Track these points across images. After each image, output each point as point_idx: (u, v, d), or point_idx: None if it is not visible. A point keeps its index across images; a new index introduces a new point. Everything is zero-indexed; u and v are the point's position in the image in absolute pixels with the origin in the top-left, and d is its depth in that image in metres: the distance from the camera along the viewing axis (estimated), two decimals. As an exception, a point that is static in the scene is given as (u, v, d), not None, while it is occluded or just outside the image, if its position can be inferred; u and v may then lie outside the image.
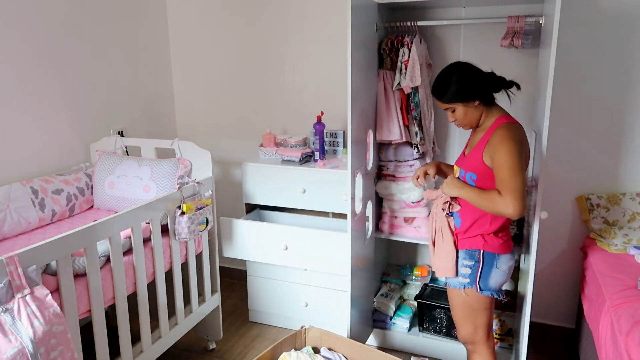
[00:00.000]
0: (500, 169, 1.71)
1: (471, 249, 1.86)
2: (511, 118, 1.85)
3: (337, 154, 2.94)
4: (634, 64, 2.39)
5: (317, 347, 2.21)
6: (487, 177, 1.79)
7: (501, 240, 1.85)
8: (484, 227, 1.84)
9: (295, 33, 2.99)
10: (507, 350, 2.53)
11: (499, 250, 1.84)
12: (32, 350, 1.42)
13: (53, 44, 2.52)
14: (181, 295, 2.33)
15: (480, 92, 1.80)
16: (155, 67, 3.24)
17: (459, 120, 1.87)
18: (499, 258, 1.85)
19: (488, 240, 1.84)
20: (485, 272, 1.84)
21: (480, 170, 1.81)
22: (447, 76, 1.82)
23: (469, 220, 1.86)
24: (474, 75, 1.80)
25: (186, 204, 2.23)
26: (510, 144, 1.71)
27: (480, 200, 1.77)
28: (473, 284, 1.86)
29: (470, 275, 1.86)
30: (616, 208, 2.45)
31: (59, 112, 2.58)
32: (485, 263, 1.84)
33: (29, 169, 2.43)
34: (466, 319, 1.94)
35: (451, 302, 1.98)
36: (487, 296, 1.87)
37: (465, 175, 1.86)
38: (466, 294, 1.88)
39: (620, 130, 2.47)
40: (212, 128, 3.35)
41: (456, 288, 1.91)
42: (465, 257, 1.87)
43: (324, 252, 2.52)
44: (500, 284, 1.88)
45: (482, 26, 2.58)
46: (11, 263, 1.44)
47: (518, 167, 1.69)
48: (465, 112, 1.83)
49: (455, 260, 1.89)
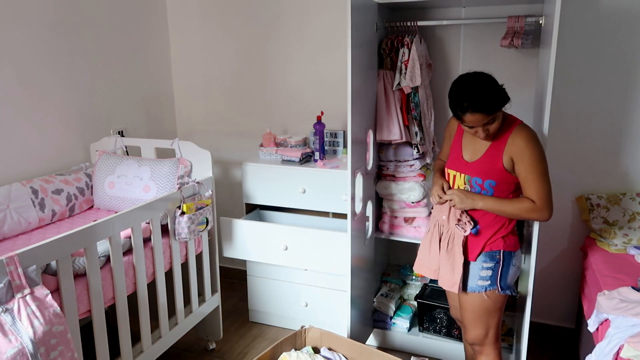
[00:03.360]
0: (531, 176, 1.72)
1: (492, 251, 1.84)
2: (518, 119, 1.82)
3: (337, 154, 2.94)
4: (634, 64, 2.39)
5: (317, 347, 2.21)
6: (506, 181, 1.79)
7: (515, 237, 1.88)
8: (503, 230, 1.84)
9: (295, 33, 2.99)
10: (507, 350, 2.53)
11: (514, 248, 1.86)
12: (32, 350, 1.42)
13: (53, 44, 2.52)
14: (181, 295, 2.33)
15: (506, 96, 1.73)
16: (155, 67, 3.24)
17: (494, 130, 1.74)
18: (514, 255, 1.87)
19: (507, 240, 1.84)
20: (505, 271, 1.85)
21: (499, 176, 1.78)
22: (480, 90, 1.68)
23: (491, 227, 1.83)
24: (494, 82, 1.72)
25: (186, 204, 2.23)
26: (537, 147, 1.72)
27: (508, 209, 1.78)
28: (494, 284, 1.84)
29: (491, 277, 1.84)
30: (616, 208, 2.45)
31: (59, 112, 2.58)
32: (505, 262, 1.84)
33: (29, 169, 2.43)
34: (479, 321, 1.90)
35: (464, 304, 1.93)
36: (505, 295, 1.87)
37: (483, 183, 1.81)
38: (487, 296, 1.85)
39: (620, 131, 2.47)
40: (212, 128, 3.35)
41: (476, 292, 1.87)
42: (485, 260, 1.84)
43: (324, 252, 2.52)
44: (514, 280, 1.90)
45: (482, 26, 2.58)
46: (11, 263, 1.44)
47: (546, 171, 1.73)
48: (499, 120, 1.74)
49: (461, 277, 1.86)
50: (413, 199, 2.53)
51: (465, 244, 1.87)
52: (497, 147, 1.77)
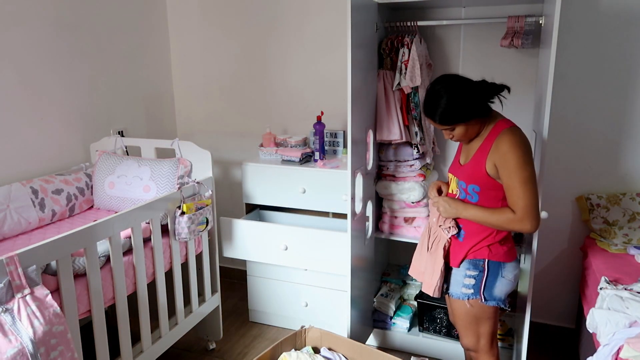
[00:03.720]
0: (511, 183, 1.63)
1: (475, 259, 1.78)
2: (510, 122, 1.74)
3: (337, 154, 2.94)
4: (633, 64, 2.39)
5: (317, 347, 2.21)
6: (491, 187, 1.72)
7: (506, 247, 1.78)
8: (489, 239, 1.76)
9: (295, 33, 2.99)
10: (507, 350, 2.53)
11: (504, 259, 1.77)
12: (32, 350, 1.42)
13: (53, 44, 2.52)
14: (181, 295, 2.33)
15: (478, 108, 1.69)
16: (155, 67, 3.24)
17: (458, 138, 1.75)
18: (505, 266, 1.77)
19: (493, 249, 1.76)
20: (490, 282, 1.77)
21: (483, 181, 1.72)
22: (439, 98, 1.67)
23: (475, 235, 1.78)
24: (468, 92, 1.67)
25: (186, 204, 2.23)
26: (519, 153, 1.63)
27: (491, 220, 1.70)
28: (477, 294, 1.78)
29: (474, 286, 1.78)
30: (616, 208, 2.45)
31: (59, 112, 2.58)
32: (490, 272, 1.76)
33: (29, 169, 2.43)
34: (469, 328, 1.87)
35: (453, 311, 1.91)
36: (492, 306, 1.80)
37: (467, 187, 1.77)
38: (470, 304, 1.80)
39: (620, 131, 2.47)
40: (212, 128, 3.36)
41: (459, 299, 1.83)
42: (469, 268, 1.79)
43: (324, 252, 2.52)
44: (506, 293, 1.80)
45: (482, 26, 2.58)
46: (11, 263, 1.44)
47: (530, 178, 1.63)
48: (465, 130, 1.72)
49: (439, 281, 1.83)
50: (413, 199, 2.53)
51: (449, 249, 1.84)
52: (483, 152, 1.71)
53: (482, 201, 1.76)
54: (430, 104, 1.71)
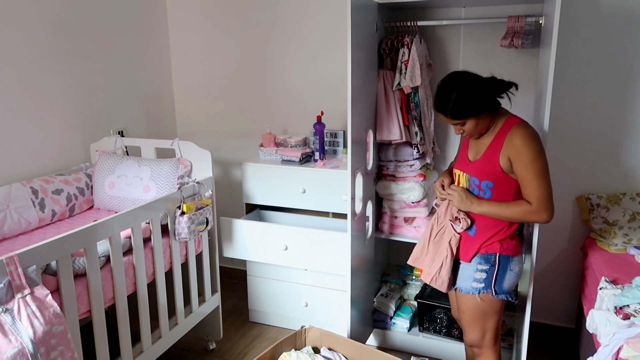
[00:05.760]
0: (527, 175, 1.68)
1: (487, 253, 1.81)
2: (520, 118, 1.79)
3: (337, 154, 2.94)
4: (633, 63, 2.39)
5: (317, 347, 2.21)
6: (504, 182, 1.76)
7: (515, 242, 1.83)
8: (501, 233, 1.80)
9: (295, 33, 2.99)
10: (507, 350, 2.53)
11: (512, 253, 1.82)
12: (32, 350, 1.42)
13: (53, 44, 2.52)
14: (181, 295, 2.33)
15: (488, 102, 1.73)
16: (155, 67, 3.24)
17: (469, 133, 1.79)
18: (513, 260, 1.82)
19: (504, 244, 1.80)
20: (500, 276, 1.81)
21: (497, 177, 1.75)
22: (450, 92, 1.71)
23: (487, 230, 1.81)
24: (478, 87, 1.71)
25: (186, 204, 2.23)
26: (533, 146, 1.67)
27: (506, 213, 1.75)
28: (488, 288, 1.81)
29: (486, 280, 1.81)
30: (616, 208, 2.45)
31: (59, 112, 2.58)
32: (501, 266, 1.80)
33: (29, 169, 2.43)
34: (475, 323, 1.89)
35: (460, 306, 1.92)
36: (501, 299, 1.84)
37: (480, 183, 1.79)
38: (481, 299, 1.83)
39: (620, 131, 2.47)
40: (212, 128, 3.36)
41: (469, 293, 1.85)
42: (480, 262, 1.82)
43: (324, 252, 2.52)
44: (513, 286, 1.85)
45: (482, 26, 2.58)
46: (11, 263, 1.44)
47: (544, 170, 1.68)
48: (475, 124, 1.75)
49: (449, 275, 1.85)
50: (413, 199, 2.53)
51: (459, 244, 1.86)
52: (495, 148, 1.75)
53: (494, 197, 1.79)
54: (441, 99, 1.75)
